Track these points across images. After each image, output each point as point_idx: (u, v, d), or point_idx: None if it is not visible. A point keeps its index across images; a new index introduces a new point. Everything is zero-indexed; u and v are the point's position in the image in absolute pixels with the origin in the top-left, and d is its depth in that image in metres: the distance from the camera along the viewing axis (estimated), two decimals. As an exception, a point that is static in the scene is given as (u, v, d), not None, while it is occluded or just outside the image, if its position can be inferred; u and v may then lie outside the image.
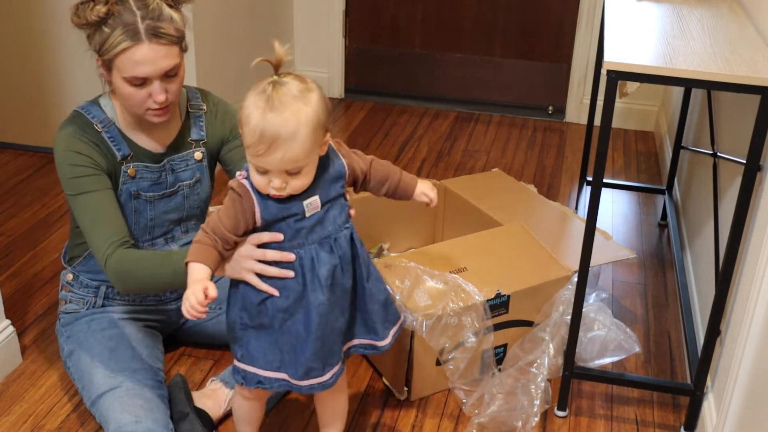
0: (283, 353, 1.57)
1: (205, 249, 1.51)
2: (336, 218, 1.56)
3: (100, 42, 1.71)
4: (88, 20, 1.70)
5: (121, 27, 1.69)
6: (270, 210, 1.51)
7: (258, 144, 1.41)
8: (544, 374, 2.02)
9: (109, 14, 1.69)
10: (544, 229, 2.39)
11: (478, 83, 4.01)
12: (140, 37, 1.70)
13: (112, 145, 1.84)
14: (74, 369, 1.94)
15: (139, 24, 1.69)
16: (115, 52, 1.70)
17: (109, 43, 1.70)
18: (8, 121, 3.30)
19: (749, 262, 1.81)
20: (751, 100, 1.81)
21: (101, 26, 1.70)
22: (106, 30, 1.70)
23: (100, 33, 1.71)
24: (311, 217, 1.53)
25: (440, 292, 2.00)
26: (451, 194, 2.57)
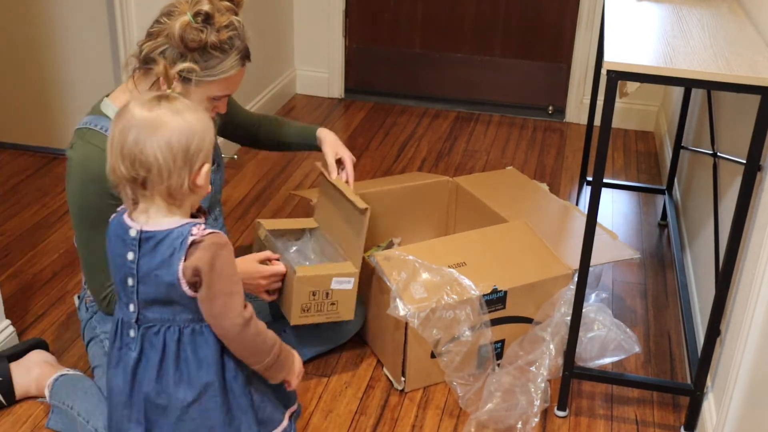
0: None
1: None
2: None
3: (205, 65, 1.71)
4: (206, 44, 1.70)
5: (236, 53, 1.74)
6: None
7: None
8: (544, 375, 2.02)
9: (226, 40, 1.72)
10: (551, 227, 2.40)
11: (478, 83, 4.01)
12: (244, 61, 1.77)
13: None
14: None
15: (242, 48, 1.76)
16: (225, 76, 1.74)
17: (221, 68, 1.72)
18: (8, 121, 3.30)
19: (749, 262, 1.81)
20: (751, 100, 1.81)
21: (213, 50, 1.71)
22: (217, 55, 1.72)
23: (206, 56, 1.71)
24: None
25: (436, 286, 2.01)
26: (463, 191, 2.58)
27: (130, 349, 1.44)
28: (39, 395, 2.01)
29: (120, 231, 1.41)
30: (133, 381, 1.45)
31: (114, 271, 1.45)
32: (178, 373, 1.43)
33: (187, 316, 1.42)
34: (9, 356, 2.03)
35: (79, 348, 2.19)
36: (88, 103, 1.90)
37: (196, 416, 1.45)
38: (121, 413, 1.48)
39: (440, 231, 2.67)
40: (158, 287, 1.39)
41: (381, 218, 2.54)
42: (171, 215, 1.39)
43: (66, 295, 2.43)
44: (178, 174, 1.34)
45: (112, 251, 1.44)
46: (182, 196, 1.38)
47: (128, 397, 1.46)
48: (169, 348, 1.42)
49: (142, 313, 1.42)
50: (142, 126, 1.32)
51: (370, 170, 3.33)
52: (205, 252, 1.35)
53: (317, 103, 4.04)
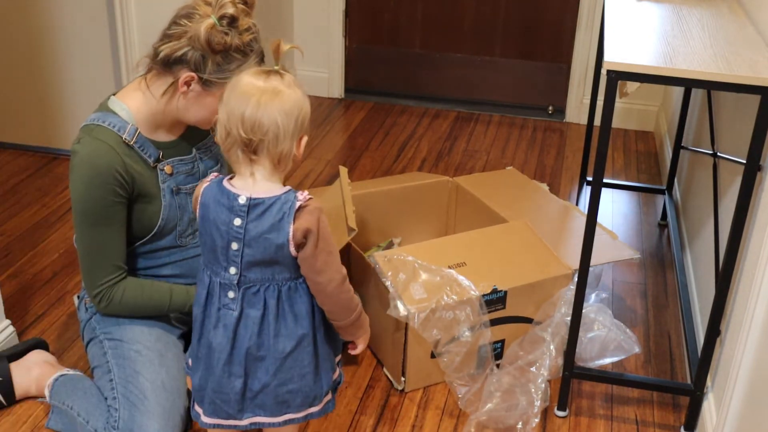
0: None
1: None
2: None
3: (227, 67, 1.73)
4: (232, 46, 1.71)
5: (254, 56, 1.76)
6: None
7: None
8: (544, 375, 2.02)
9: (248, 42, 1.74)
10: (551, 227, 2.40)
11: (478, 83, 4.01)
12: (261, 61, 1.77)
13: (143, 153, 1.82)
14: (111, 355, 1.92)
15: (260, 49, 1.77)
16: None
17: (242, 69, 1.71)
18: (8, 121, 3.30)
19: (749, 262, 1.81)
20: (751, 100, 1.81)
21: (236, 53, 1.73)
22: (238, 57, 1.73)
23: (228, 58, 1.72)
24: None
25: (436, 286, 2.01)
26: (463, 191, 2.58)
27: (231, 309, 1.53)
28: (39, 395, 2.01)
29: (222, 198, 1.48)
30: (234, 338, 1.53)
31: (213, 237, 1.51)
32: (277, 327, 1.53)
33: (285, 275, 1.52)
34: (9, 356, 2.03)
35: (79, 348, 2.19)
36: (88, 103, 1.90)
37: (292, 365, 1.55)
38: (222, 370, 1.55)
39: (440, 231, 2.67)
40: (266, 249, 1.48)
41: (381, 218, 2.54)
42: (273, 181, 1.48)
43: (66, 295, 2.44)
44: (290, 139, 1.46)
45: (214, 218, 1.50)
46: (287, 163, 1.48)
47: (229, 354, 1.54)
48: (269, 305, 1.52)
49: (243, 275, 1.51)
50: (262, 93, 1.43)
51: (370, 170, 3.33)
52: (312, 215, 1.47)
53: (317, 103, 4.04)
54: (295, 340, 1.54)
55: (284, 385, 1.56)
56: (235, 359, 1.55)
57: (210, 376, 1.58)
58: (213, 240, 1.51)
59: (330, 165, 3.36)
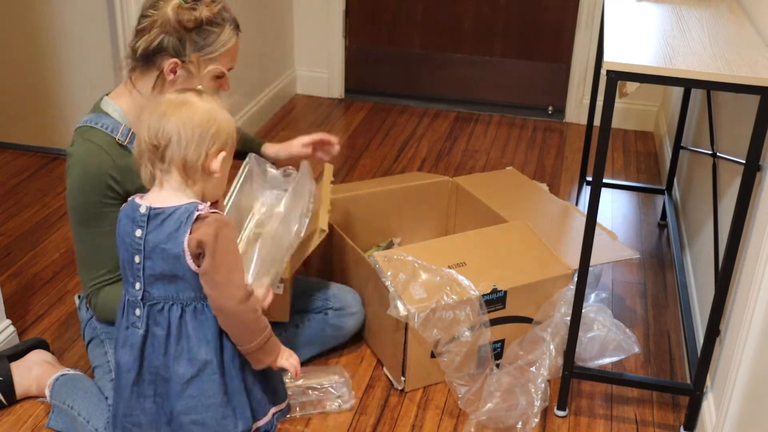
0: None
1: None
2: None
3: (203, 43, 1.75)
4: (201, 20, 1.73)
5: (229, 23, 1.77)
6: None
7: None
8: (544, 375, 2.03)
9: (217, 14, 1.75)
10: (551, 227, 2.40)
11: (478, 83, 4.01)
12: (237, 29, 1.79)
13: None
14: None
15: (232, 17, 1.78)
16: (227, 48, 1.77)
17: (221, 41, 1.75)
18: (8, 121, 3.30)
19: (749, 262, 1.81)
20: (751, 100, 1.81)
21: (207, 27, 1.74)
22: (213, 30, 1.75)
23: (204, 33, 1.74)
24: None
25: (435, 286, 2.01)
26: (463, 191, 2.58)
27: (137, 328, 1.50)
28: (39, 395, 2.01)
29: (130, 211, 1.48)
30: (142, 357, 1.50)
31: (122, 252, 1.50)
32: (179, 349, 1.49)
33: (189, 294, 1.47)
34: (9, 356, 2.04)
35: (80, 348, 2.19)
36: (88, 103, 1.90)
37: (195, 393, 1.50)
38: (131, 392, 1.52)
39: (440, 231, 2.67)
40: (164, 261, 1.45)
41: (381, 218, 2.54)
42: (183, 192, 1.46)
43: (66, 295, 2.44)
44: (195, 147, 1.43)
45: (121, 232, 1.50)
46: (195, 173, 1.46)
47: (137, 373, 1.51)
48: (172, 324, 1.48)
49: (147, 291, 1.48)
50: (169, 103, 1.45)
51: (370, 170, 3.33)
52: (209, 227, 1.42)
53: (317, 103, 4.04)
54: (197, 366, 1.48)
55: (187, 414, 1.50)
56: (144, 378, 1.50)
57: (120, 398, 1.53)
58: (122, 255, 1.50)
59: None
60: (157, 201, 1.46)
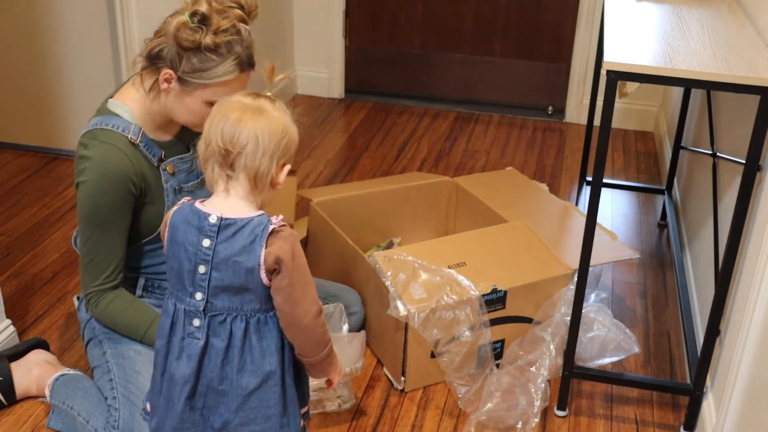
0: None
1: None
2: None
3: (199, 67, 1.70)
4: (200, 45, 1.68)
5: (232, 58, 1.71)
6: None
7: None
8: (544, 375, 2.03)
9: (222, 43, 1.69)
10: (551, 227, 2.41)
11: (478, 83, 4.01)
12: (244, 67, 1.73)
13: (148, 153, 1.82)
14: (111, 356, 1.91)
15: (243, 54, 1.72)
16: (220, 80, 1.72)
17: (216, 72, 1.70)
18: (8, 121, 3.30)
19: (749, 261, 1.81)
20: (751, 100, 1.81)
21: (207, 53, 1.70)
22: (214, 58, 1.70)
23: (202, 58, 1.70)
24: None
25: (435, 286, 2.01)
26: (463, 191, 2.58)
27: (196, 338, 1.44)
28: (39, 395, 2.01)
29: (193, 218, 1.42)
30: (199, 369, 1.45)
31: (180, 260, 1.44)
32: (242, 361, 1.44)
33: (254, 306, 1.43)
34: (9, 356, 2.04)
35: (80, 348, 2.19)
36: (87, 103, 1.91)
37: (256, 404, 1.46)
38: (185, 404, 1.47)
39: (440, 231, 2.67)
40: (236, 274, 1.40)
41: (381, 218, 2.54)
42: (248, 202, 1.42)
43: (66, 295, 2.44)
44: (270, 159, 1.39)
45: (181, 239, 1.43)
46: (264, 184, 1.41)
47: (193, 386, 1.46)
48: (235, 336, 1.44)
49: (210, 302, 1.43)
50: (246, 109, 1.39)
51: (370, 170, 3.34)
52: (286, 242, 1.39)
53: (317, 103, 4.04)
54: (261, 378, 1.45)
55: (246, 425, 1.46)
56: (199, 392, 1.47)
57: (169, 411, 1.48)
58: (180, 263, 1.43)
59: (330, 165, 3.36)
60: (225, 210, 1.40)
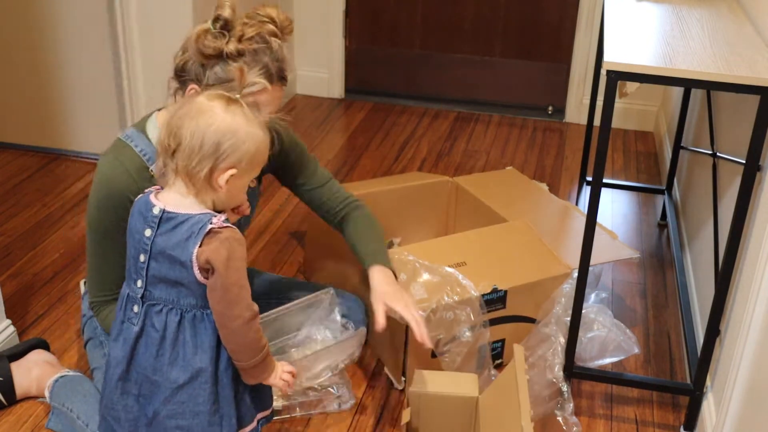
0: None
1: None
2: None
3: (225, 78, 1.63)
4: (222, 53, 1.63)
5: (258, 68, 1.65)
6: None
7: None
8: (560, 362, 2.01)
9: (246, 51, 1.64)
10: (551, 227, 2.41)
11: (478, 83, 4.01)
12: (273, 79, 1.68)
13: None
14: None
15: (271, 66, 1.67)
16: (249, 91, 1.63)
17: (245, 85, 1.64)
18: (8, 121, 3.30)
19: (749, 261, 1.81)
20: (751, 100, 1.81)
21: (231, 61, 1.63)
22: (237, 66, 1.63)
23: (225, 68, 1.63)
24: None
25: (436, 286, 2.01)
26: (463, 191, 2.58)
27: (133, 324, 1.48)
28: (39, 395, 2.01)
29: (143, 208, 1.47)
30: (132, 354, 1.49)
31: (129, 247, 1.49)
32: (174, 354, 1.47)
33: (191, 301, 1.45)
34: (9, 356, 2.03)
35: (80, 348, 2.19)
36: (88, 103, 1.90)
37: (185, 399, 1.48)
38: (116, 386, 1.51)
39: (440, 231, 2.67)
40: (171, 267, 1.43)
41: (381, 218, 2.53)
42: (187, 198, 1.44)
43: (66, 295, 2.44)
44: (199, 160, 1.40)
45: (132, 227, 1.48)
46: (198, 184, 1.42)
47: (125, 369, 1.50)
48: (169, 329, 1.46)
49: (148, 290, 1.47)
50: (193, 107, 1.41)
51: (370, 170, 3.33)
52: (222, 245, 1.40)
53: (317, 103, 4.04)
54: (190, 373, 1.46)
55: (173, 418, 1.49)
56: (131, 376, 1.49)
57: (105, 389, 1.53)
58: (129, 249, 1.49)
59: (330, 165, 3.36)
60: (171, 203, 1.43)
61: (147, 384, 1.49)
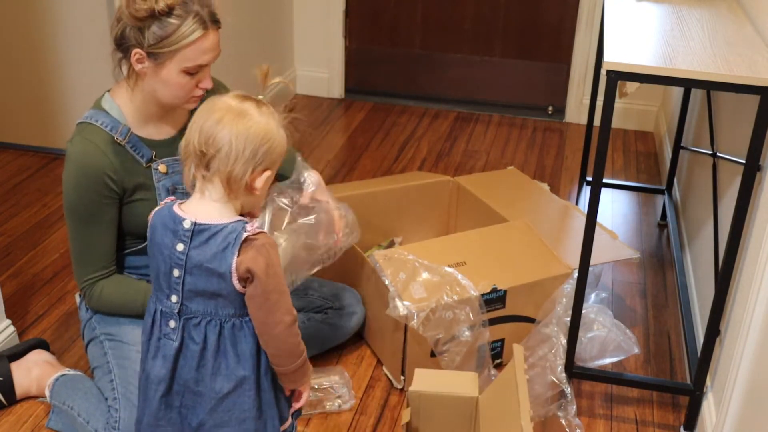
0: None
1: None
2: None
3: (162, 34, 1.68)
4: (154, 11, 1.66)
5: (192, 16, 1.69)
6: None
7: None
8: (561, 363, 2.01)
9: (176, 4, 1.68)
10: (551, 227, 2.41)
11: (478, 83, 4.01)
12: (207, 25, 1.71)
13: (135, 153, 1.82)
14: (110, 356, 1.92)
15: (202, 12, 1.70)
16: (187, 42, 1.69)
17: (179, 34, 1.68)
18: (8, 121, 3.30)
19: (749, 261, 1.81)
20: (751, 100, 1.81)
21: (166, 18, 1.67)
22: (173, 21, 1.67)
23: (161, 24, 1.67)
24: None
25: (436, 285, 2.01)
26: (464, 191, 2.58)
27: (171, 339, 1.46)
28: (39, 395, 2.01)
29: (169, 222, 1.42)
30: (174, 369, 1.47)
31: (158, 262, 1.45)
32: (216, 365, 1.45)
33: (229, 311, 1.43)
34: (9, 356, 2.04)
35: (80, 348, 2.19)
36: (88, 103, 1.90)
37: (230, 408, 1.47)
38: (159, 404, 1.48)
39: (441, 230, 2.67)
40: (208, 279, 1.41)
41: (381, 218, 2.54)
42: (224, 205, 1.41)
43: (66, 295, 2.44)
44: (243, 163, 1.38)
45: (158, 242, 1.44)
46: (238, 189, 1.40)
47: (167, 386, 1.48)
48: (209, 340, 1.44)
49: (184, 305, 1.44)
50: (228, 110, 1.39)
51: (370, 170, 3.33)
52: (259, 253, 1.38)
53: (317, 103, 4.04)
54: (234, 382, 1.45)
55: (220, 427, 1.48)
56: (175, 391, 1.48)
57: (147, 408, 1.50)
58: (158, 264, 1.44)
59: (330, 165, 3.36)
60: (200, 214, 1.41)
61: (189, 395, 1.48)
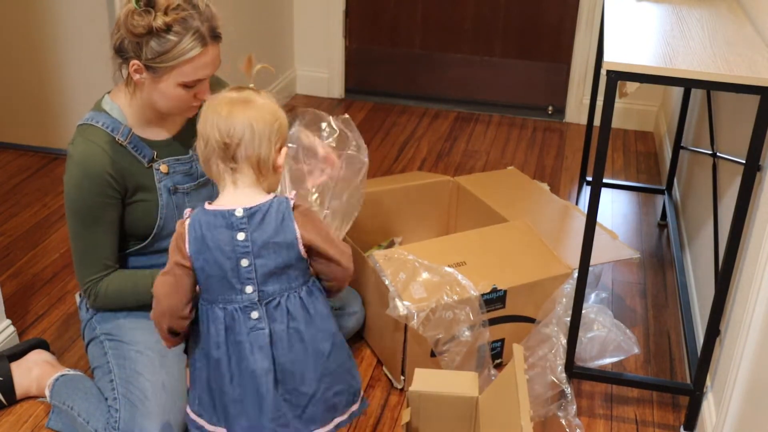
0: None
1: None
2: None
3: (160, 50, 1.67)
4: (152, 28, 1.65)
5: (191, 33, 1.68)
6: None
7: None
8: (561, 363, 2.01)
9: (175, 22, 1.67)
10: (551, 227, 2.41)
11: (478, 83, 4.01)
12: (207, 41, 1.70)
13: (137, 153, 1.82)
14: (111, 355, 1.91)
15: (202, 28, 1.69)
16: (185, 59, 1.68)
17: (177, 51, 1.67)
18: (8, 121, 3.30)
19: (749, 261, 1.81)
20: (751, 100, 1.81)
21: (164, 34, 1.66)
22: (171, 38, 1.66)
23: (160, 41, 1.66)
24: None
25: (435, 285, 2.01)
26: (464, 191, 2.58)
27: (260, 328, 1.48)
28: (39, 395, 2.01)
29: (217, 220, 1.44)
30: (274, 357, 1.49)
31: (220, 264, 1.45)
32: (311, 332, 1.51)
33: (299, 281, 1.50)
34: (9, 356, 2.04)
35: (80, 348, 2.19)
36: (88, 103, 1.90)
37: (335, 366, 1.54)
38: (275, 392, 1.49)
39: (441, 230, 2.67)
40: (277, 254, 1.46)
41: (381, 218, 2.54)
42: (255, 188, 1.46)
43: (66, 295, 2.44)
44: (266, 144, 1.43)
45: (213, 245, 1.44)
46: (267, 170, 1.45)
47: (274, 374, 1.49)
48: (294, 313, 1.49)
49: (261, 290, 1.47)
50: (233, 102, 1.43)
51: (370, 170, 3.32)
52: (307, 218, 1.47)
53: (317, 103, 4.04)
54: (331, 340, 1.53)
55: (331, 387, 1.54)
56: (278, 379, 1.50)
57: (263, 406, 1.49)
58: (219, 267, 1.44)
59: (330, 165, 3.35)
60: (244, 200, 1.44)
61: (288, 376, 1.50)
